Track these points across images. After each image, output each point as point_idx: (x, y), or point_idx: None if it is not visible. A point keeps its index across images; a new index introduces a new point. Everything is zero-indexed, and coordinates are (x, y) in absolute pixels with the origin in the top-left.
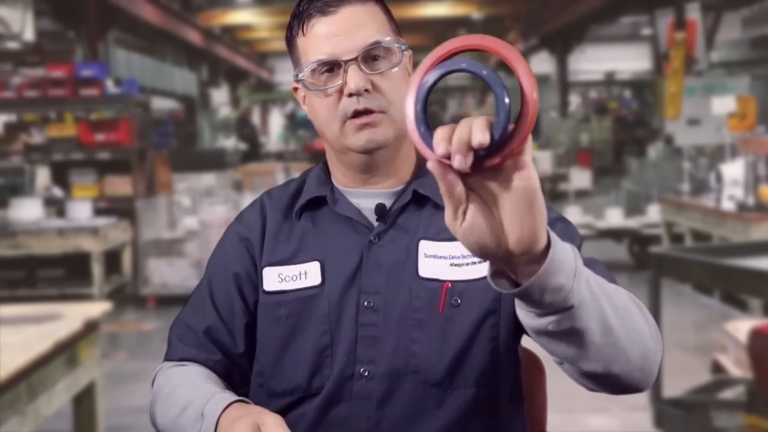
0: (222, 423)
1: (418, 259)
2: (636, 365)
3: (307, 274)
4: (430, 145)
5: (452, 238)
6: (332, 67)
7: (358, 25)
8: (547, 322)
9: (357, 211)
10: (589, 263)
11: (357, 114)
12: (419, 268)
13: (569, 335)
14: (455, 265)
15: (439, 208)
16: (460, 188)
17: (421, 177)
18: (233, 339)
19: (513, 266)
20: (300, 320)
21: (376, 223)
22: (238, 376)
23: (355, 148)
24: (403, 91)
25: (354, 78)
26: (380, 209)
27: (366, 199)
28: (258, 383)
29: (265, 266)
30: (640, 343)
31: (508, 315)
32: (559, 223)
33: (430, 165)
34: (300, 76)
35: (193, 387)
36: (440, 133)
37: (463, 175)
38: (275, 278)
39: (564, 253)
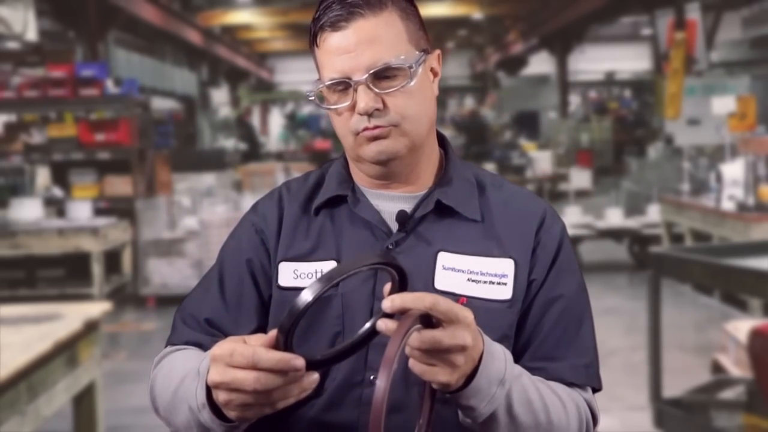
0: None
1: (435, 270)
2: None
3: (323, 273)
4: None
5: (471, 252)
6: (345, 86)
7: (368, 42)
8: (462, 415)
9: (377, 215)
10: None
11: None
12: (435, 280)
13: (484, 427)
14: (472, 280)
15: (461, 218)
16: None
17: (445, 184)
18: (237, 327)
19: None
20: (312, 320)
21: (395, 229)
22: None
23: (368, 159)
24: (419, 102)
25: (363, 98)
26: (402, 216)
27: (388, 202)
28: None
29: (281, 261)
30: None
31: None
32: (559, 302)
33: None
34: (315, 92)
35: (194, 358)
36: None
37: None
38: (290, 274)
39: (488, 383)
